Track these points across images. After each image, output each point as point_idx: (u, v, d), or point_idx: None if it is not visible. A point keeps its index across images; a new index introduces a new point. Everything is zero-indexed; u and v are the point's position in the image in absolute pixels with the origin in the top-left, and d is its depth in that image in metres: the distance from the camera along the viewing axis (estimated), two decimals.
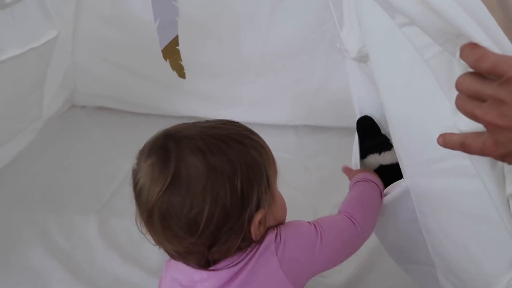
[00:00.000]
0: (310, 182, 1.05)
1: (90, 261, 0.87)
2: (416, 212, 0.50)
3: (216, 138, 0.45)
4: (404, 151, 0.49)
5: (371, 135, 0.71)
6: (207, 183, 0.43)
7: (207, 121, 0.51)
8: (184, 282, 0.49)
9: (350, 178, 0.64)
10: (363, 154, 0.69)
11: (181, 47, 1.16)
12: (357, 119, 0.71)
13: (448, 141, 0.35)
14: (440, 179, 0.43)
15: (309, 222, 0.51)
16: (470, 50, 0.31)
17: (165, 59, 1.21)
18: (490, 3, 0.32)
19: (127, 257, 0.88)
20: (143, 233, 0.47)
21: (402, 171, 0.52)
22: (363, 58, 0.58)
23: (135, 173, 0.48)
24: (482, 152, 0.33)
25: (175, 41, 1.15)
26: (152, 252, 0.90)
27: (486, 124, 0.31)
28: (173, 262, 0.51)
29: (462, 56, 0.32)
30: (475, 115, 0.31)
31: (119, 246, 0.90)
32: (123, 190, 1.05)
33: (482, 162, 0.35)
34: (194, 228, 0.43)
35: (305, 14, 1.02)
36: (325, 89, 1.15)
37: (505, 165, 0.36)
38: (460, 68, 0.34)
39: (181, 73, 1.26)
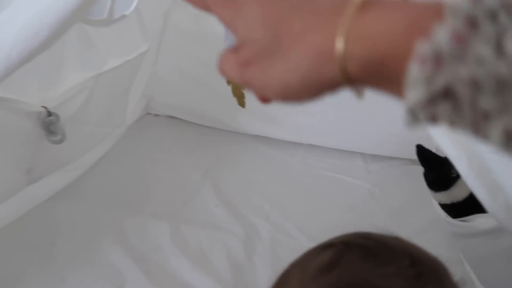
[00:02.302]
0: (378, 211, 1.05)
1: (162, 265, 0.91)
2: None
3: None
4: None
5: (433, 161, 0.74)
6: None
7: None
8: None
9: None
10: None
11: None
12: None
13: None
14: None
15: None
16: None
17: (228, 84, 1.25)
18: None
19: (197, 266, 0.91)
20: None
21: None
22: None
23: None
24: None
25: None
26: (221, 263, 0.94)
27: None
28: None
29: None
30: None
31: (190, 253, 0.94)
32: (193, 200, 1.10)
33: None
34: None
35: None
36: (396, 122, 1.15)
37: None
38: None
39: (241, 102, 1.29)
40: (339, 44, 0.21)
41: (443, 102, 0.18)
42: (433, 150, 0.85)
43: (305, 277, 0.36)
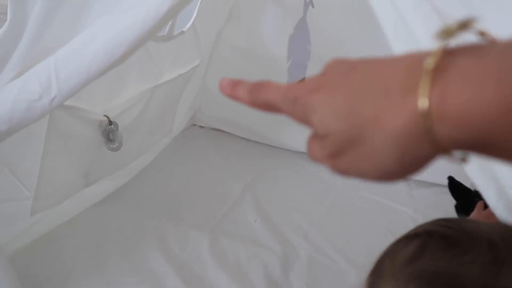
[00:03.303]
0: None
1: (200, 276, 0.93)
2: None
3: None
4: None
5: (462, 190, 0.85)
6: None
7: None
8: None
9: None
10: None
11: None
12: None
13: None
14: None
15: None
16: None
17: None
18: None
19: (234, 279, 0.92)
20: None
21: None
22: None
23: None
24: None
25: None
26: (257, 278, 0.94)
27: None
28: None
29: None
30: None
31: (227, 266, 0.95)
32: (233, 213, 1.11)
33: None
34: None
35: None
36: None
37: None
38: None
39: None
40: (426, 126, 0.19)
41: None
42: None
43: (395, 267, 0.41)
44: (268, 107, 0.27)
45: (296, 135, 1.32)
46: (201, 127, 1.44)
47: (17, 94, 0.47)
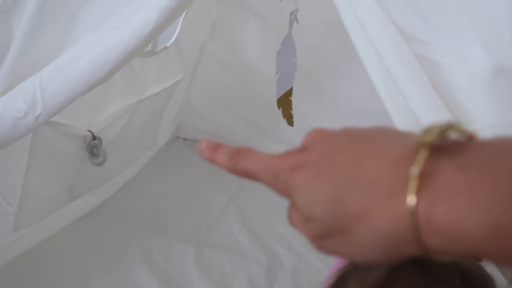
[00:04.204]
0: None
1: None
2: None
3: None
4: None
5: None
6: None
7: None
8: None
9: None
10: None
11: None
12: None
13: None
14: None
15: None
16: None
17: (279, 107, 1.31)
18: None
19: None
20: None
21: None
22: None
23: None
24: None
25: (289, 92, 1.24)
26: None
27: None
28: None
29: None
30: None
31: (213, 278, 0.96)
32: (218, 224, 1.12)
33: None
34: None
35: None
36: None
37: None
38: None
39: (290, 121, 1.34)
40: (415, 235, 0.19)
41: None
42: None
43: None
44: (248, 175, 0.27)
45: (280, 146, 1.34)
46: (185, 139, 1.45)
47: (2, 111, 0.47)
